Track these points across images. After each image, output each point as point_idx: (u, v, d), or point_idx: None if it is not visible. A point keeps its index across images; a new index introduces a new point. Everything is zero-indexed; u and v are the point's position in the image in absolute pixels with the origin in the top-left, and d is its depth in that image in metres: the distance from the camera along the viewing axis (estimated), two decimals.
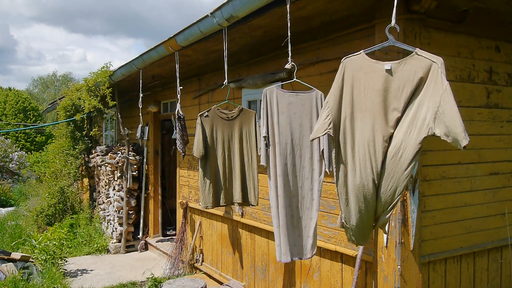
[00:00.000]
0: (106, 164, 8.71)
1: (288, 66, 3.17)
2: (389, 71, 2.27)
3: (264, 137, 3.24)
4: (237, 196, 4.28)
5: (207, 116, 4.29)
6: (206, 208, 4.35)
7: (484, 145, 3.80)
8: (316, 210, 3.28)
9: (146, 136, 7.36)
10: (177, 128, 4.82)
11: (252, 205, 4.31)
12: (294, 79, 3.33)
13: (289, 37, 3.11)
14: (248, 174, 4.26)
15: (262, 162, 3.29)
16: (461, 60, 3.61)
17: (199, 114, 4.27)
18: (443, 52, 3.49)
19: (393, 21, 2.34)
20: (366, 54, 2.34)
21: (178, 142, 4.84)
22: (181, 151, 4.87)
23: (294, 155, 3.32)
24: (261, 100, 3.47)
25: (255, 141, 4.12)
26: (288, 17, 3.03)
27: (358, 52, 2.35)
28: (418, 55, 2.21)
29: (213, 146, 4.31)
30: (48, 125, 16.02)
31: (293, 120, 3.29)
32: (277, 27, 3.93)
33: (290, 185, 3.30)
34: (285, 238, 3.33)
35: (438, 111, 2.06)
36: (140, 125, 7.30)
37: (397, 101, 2.24)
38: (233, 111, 4.28)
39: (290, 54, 3.13)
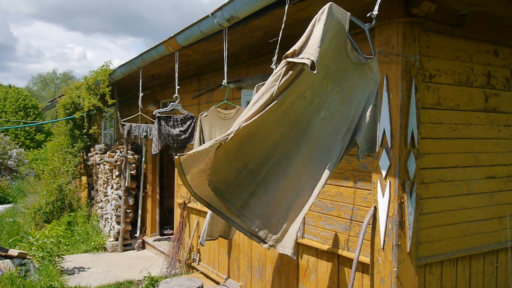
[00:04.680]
0: (105, 163, 8.72)
1: (274, 67, 3.14)
2: None
3: None
4: None
5: (206, 116, 4.32)
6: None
7: (481, 148, 3.82)
8: None
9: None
10: (154, 128, 4.90)
11: None
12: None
13: (279, 38, 3.08)
14: None
15: None
16: (459, 63, 3.63)
17: (199, 114, 4.29)
18: (441, 55, 3.51)
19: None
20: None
21: (154, 139, 4.94)
22: (153, 152, 4.96)
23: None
24: None
25: None
26: (284, 19, 3.02)
27: None
28: None
29: None
30: (47, 122, 16.02)
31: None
32: (278, 28, 3.93)
33: None
34: None
35: None
36: (129, 124, 7.27)
37: None
38: (231, 111, 4.29)
39: (276, 56, 3.06)
